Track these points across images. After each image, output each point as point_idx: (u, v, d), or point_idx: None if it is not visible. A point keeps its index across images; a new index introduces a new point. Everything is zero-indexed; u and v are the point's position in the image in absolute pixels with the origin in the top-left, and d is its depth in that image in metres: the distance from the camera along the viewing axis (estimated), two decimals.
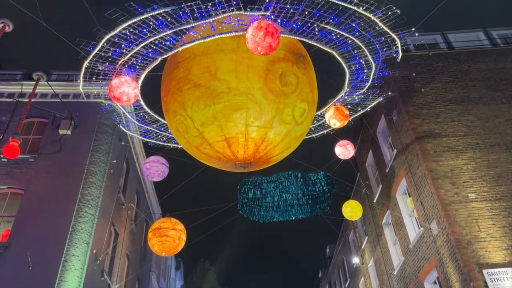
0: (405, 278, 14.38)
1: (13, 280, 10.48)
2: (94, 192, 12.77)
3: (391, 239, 16.13)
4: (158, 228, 10.02)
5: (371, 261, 18.78)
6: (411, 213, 14.04)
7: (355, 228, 21.61)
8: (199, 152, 7.41)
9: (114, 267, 14.48)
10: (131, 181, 17.34)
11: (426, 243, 12.34)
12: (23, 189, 12.40)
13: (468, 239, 10.42)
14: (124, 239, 15.62)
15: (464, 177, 11.60)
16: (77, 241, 11.55)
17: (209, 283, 19.57)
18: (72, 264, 11.12)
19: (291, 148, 7.77)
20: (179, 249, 10.25)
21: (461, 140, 12.41)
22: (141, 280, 18.91)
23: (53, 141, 13.27)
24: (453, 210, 10.97)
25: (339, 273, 26.43)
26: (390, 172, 15.22)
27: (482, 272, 9.83)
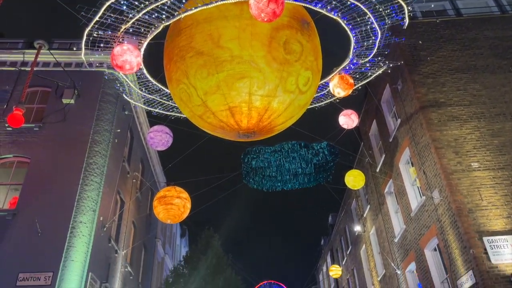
0: (405, 245, 14.65)
1: (23, 246, 10.78)
2: (99, 161, 12.90)
3: (393, 207, 16.33)
4: (163, 197, 10.18)
5: (373, 229, 19.09)
6: (413, 182, 14.14)
7: (357, 197, 21.84)
8: (202, 121, 7.40)
9: (121, 234, 14.81)
10: (135, 150, 17.47)
11: (428, 212, 12.49)
12: (29, 157, 12.55)
13: (470, 208, 10.53)
14: (129, 207, 15.89)
15: (468, 147, 11.60)
16: (84, 208, 11.78)
17: (213, 249, 19.98)
18: (80, 231, 11.39)
19: (295, 118, 7.74)
20: (184, 216, 10.44)
21: (466, 109, 12.32)
22: (147, 246, 19.38)
23: (57, 110, 13.30)
24: (455, 179, 11.04)
25: (341, 241, 26.93)
26: (393, 142, 15.23)
27: (482, 239, 9.98)
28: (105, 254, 12.97)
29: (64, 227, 11.20)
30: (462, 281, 10.39)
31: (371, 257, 19.63)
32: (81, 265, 11.02)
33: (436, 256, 12.70)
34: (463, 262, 10.41)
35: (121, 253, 14.68)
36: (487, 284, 9.39)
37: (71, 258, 10.88)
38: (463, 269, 10.40)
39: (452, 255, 11.02)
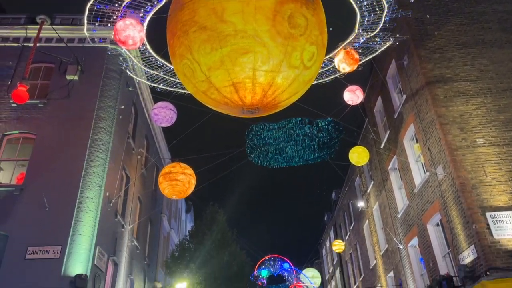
0: (408, 221, 14.78)
1: (31, 220, 10.98)
2: (104, 137, 12.97)
3: (397, 183, 16.40)
4: (168, 173, 10.27)
5: (376, 204, 19.23)
6: (417, 159, 14.15)
7: (361, 173, 21.91)
8: (206, 97, 7.36)
9: (127, 209, 15.03)
10: (140, 127, 17.52)
11: (431, 187, 12.54)
12: (34, 134, 12.63)
13: (473, 183, 10.55)
14: (135, 182, 16.07)
15: (473, 122, 11.53)
16: (90, 184, 11.92)
17: (218, 225, 20.25)
18: (86, 206, 11.56)
19: (299, 94, 7.68)
20: (189, 192, 10.56)
21: (472, 84, 12.18)
22: (153, 221, 19.68)
23: (61, 86, 13.29)
24: (460, 155, 11.03)
25: (344, 216, 27.19)
26: (398, 118, 15.15)
27: (485, 215, 10.05)
28: (112, 229, 13.20)
29: (71, 202, 11.37)
30: (464, 256, 10.52)
31: (374, 232, 19.86)
32: (88, 239, 11.24)
33: (438, 231, 12.83)
34: (465, 237, 10.51)
35: (128, 228, 14.93)
36: (489, 259, 9.51)
37: (79, 232, 11.10)
38: (465, 244, 10.52)
39: (454, 230, 11.12)
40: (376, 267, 19.55)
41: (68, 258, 10.63)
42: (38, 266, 10.35)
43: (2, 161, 12.52)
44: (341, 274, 28.44)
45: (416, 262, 14.72)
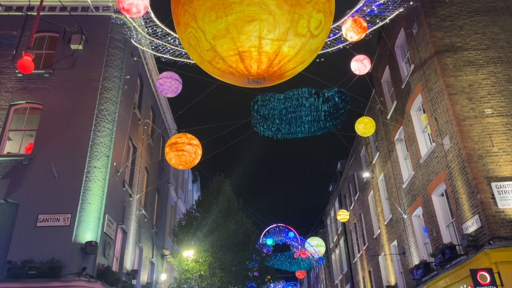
0: (413, 191, 14.87)
1: (41, 189, 11.19)
2: (110, 107, 12.99)
3: (402, 154, 16.39)
4: (175, 143, 10.34)
5: (381, 175, 19.31)
6: (424, 129, 14.08)
7: (367, 144, 21.89)
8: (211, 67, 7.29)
9: (134, 179, 15.23)
10: (145, 97, 17.51)
11: (437, 158, 12.54)
12: (41, 104, 12.69)
13: (480, 154, 10.53)
14: (142, 153, 16.21)
15: (482, 92, 11.38)
16: (97, 154, 12.05)
17: (224, 194, 20.50)
18: (94, 175, 11.73)
19: (306, 63, 7.58)
20: (195, 162, 10.66)
21: (483, 53, 11.93)
22: (161, 191, 19.97)
23: (65, 56, 13.22)
24: (467, 126, 10.95)
25: (349, 187, 27.39)
26: (405, 88, 14.98)
27: (490, 185, 10.07)
28: (120, 198, 13.43)
29: (79, 172, 11.53)
30: (468, 225, 10.62)
31: (379, 203, 20.04)
32: (97, 207, 11.47)
33: (443, 201, 12.91)
34: (469, 207, 10.58)
35: (135, 197, 15.18)
36: (493, 228, 9.60)
37: (88, 201, 11.31)
38: (469, 213, 10.60)
39: (459, 200, 11.19)
40: (380, 236, 19.84)
41: (78, 226, 10.89)
42: (49, 233, 10.63)
43: (11, 131, 12.64)
44: (345, 243, 28.93)
45: (419, 231, 14.90)
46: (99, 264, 11.09)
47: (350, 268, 27.61)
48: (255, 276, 21.09)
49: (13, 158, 11.84)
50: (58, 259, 10.16)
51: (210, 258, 17.87)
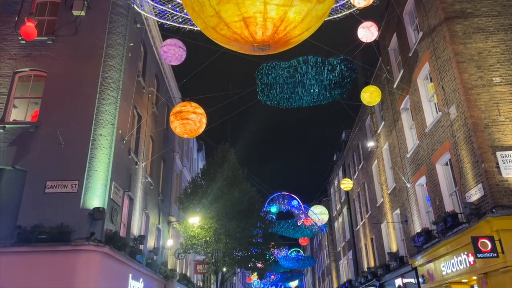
0: (417, 160, 14.90)
1: (48, 156, 11.32)
2: (114, 75, 12.92)
3: (408, 123, 16.32)
4: (179, 112, 10.33)
5: (386, 144, 19.31)
6: (430, 98, 13.94)
7: (372, 113, 21.77)
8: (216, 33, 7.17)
9: (140, 147, 15.34)
10: (149, 65, 17.36)
11: (443, 127, 12.48)
12: (45, 71, 12.63)
13: (486, 123, 10.46)
14: (147, 121, 16.24)
15: (491, 60, 11.17)
16: (102, 122, 12.09)
17: (229, 163, 20.67)
18: (100, 143, 11.82)
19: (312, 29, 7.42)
20: (200, 131, 10.68)
21: (493, 20, 11.63)
22: (166, 160, 20.14)
23: (68, 22, 13.04)
24: (474, 94, 10.83)
25: (353, 156, 27.46)
26: (413, 56, 14.73)
27: (495, 154, 10.06)
28: (126, 165, 13.57)
29: (85, 139, 11.62)
30: (471, 194, 10.70)
31: (383, 172, 20.14)
32: (104, 174, 11.62)
33: (447, 170, 12.95)
34: (473, 176, 10.62)
35: (141, 165, 15.33)
36: (496, 197, 9.67)
37: (94, 168, 11.45)
38: (472, 182, 10.65)
39: (463, 169, 11.22)
40: (383, 204, 20.05)
41: (86, 192, 11.08)
42: (57, 200, 10.83)
43: (16, 98, 12.65)
44: (348, 211, 29.30)
45: (422, 200, 15.04)
46: (107, 229, 11.34)
47: (353, 236, 28.09)
48: (259, 243, 21.56)
49: (19, 125, 11.92)
50: (67, 224, 10.40)
51: (215, 224, 18.22)
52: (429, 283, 13.97)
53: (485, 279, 10.15)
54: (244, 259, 20.86)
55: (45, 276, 9.90)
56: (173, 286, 18.47)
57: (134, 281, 13.42)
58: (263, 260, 22.17)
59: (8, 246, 10.09)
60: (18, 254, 10.06)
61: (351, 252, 28.98)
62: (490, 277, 9.98)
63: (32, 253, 10.08)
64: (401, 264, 17.14)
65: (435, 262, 13.28)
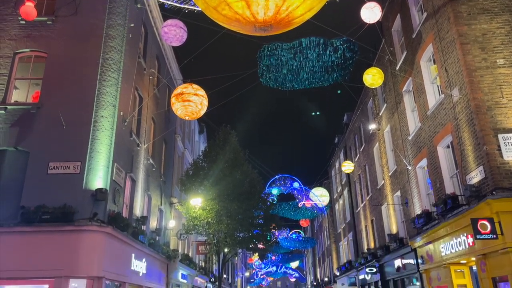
0: (419, 143, 14.90)
1: (50, 138, 11.34)
2: (115, 56, 12.84)
3: (410, 106, 16.26)
4: (181, 94, 10.31)
5: (388, 127, 19.27)
6: (433, 80, 13.85)
7: (374, 96, 21.67)
8: (217, 13, 7.11)
9: (141, 129, 15.35)
10: (150, 47, 17.23)
11: (445, 110, 12.43)
12: (45, 52, 12.55)
13: (489, 105, 10.41)
14: (148, 103, 16.21)
15: (496, 42, 11.05)
16: (104, 103, 12.07)
17: (230, 145, 20.70)
18: (102, 125, 11.83)
19: (314, 10, 7.36)
20: (202, 113, 10.68)
21: (498, 1, 11.42)
22: (168, 141, 20.18)
23: (68, 2, 12.89)
24: (478, 76, 10.75)
25: (355, 139, 27.46)
26: (416, 38, 14.57)
27: (497, 136, 10.04)
28: (128, 147, 13.61)
29: (86, 121, 11.62)
30: (471, 176, 10.73)
31: (384, 154, 20.17)
32: (106, 156, 11.66)
33: (448, 152, 12.96)
34: (474, 158, 10.63)
35: (143, 147, 15.38)
36: (496, 179, 9.70)
37: (96, 149, 11.48)
38: (474, 165, 10.67)
39: (464, 152, 11.22)
40: (384, 187, 20.15)
41: (88, 174, 11.14)
42: (60, 181, 10.90)
43: (17, 79, 12.61)
44: (349, 193, 29.46)
45: (423, 182, 15.10)
46: (110, 210, 11.46)
47: (353, 217, 28.32)
48: (260, 224, 21.77)
49: (20, 106, 11.91)
50: (70, 205, 10.49)
51: (217, 206, 18.37)
52: (428, 263, 14.15)
53: (483, 260, 10.26)
54: (246, 240, 21.10)
55: (49, 256, 10.05)
56: (175, 266, 18.75)
57: (137, 260, 13.61)
58: (264, 241, 22.43)
59: (12, 226, 10.21)
60: (22, 234, 10.18)
61: (351, 233, 29.27)
62: (488, 258, 10.10)
63: (35, 233, 10.21)
64: (400, 246, 17.32)
65: (434, 244, 13.42)
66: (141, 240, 13.84)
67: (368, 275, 22.90)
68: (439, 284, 13.63)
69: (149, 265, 14.96)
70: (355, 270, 26.99)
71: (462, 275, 12.43)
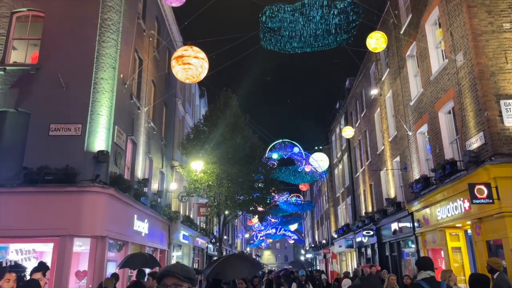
0: (420, 109, 14.84)
1: (50, 100, 11.30)
2: (113, 16, 12.57)
3: (413, 71, 16.08)
4: (181, 56, 10.16)
5: (389, 92, 19.14)
6: (438, 45, 13.62)
7: (377, 60, 21.37)
8: None
9: (142, 92, 15.27)
10: (149, 7, 16.83)
11: (448, 75, 12.31)
12: (42, 11, 12.28)
13: (492, 71, 10.29)
14: (148, 65, 16.02)
15: (503, 5, 10.77)
16: (103, 65, 11.94)
17: (231, 109, 20.64)
18: (102, 87, 11.75)
19: None
20: (202, 77, 10.57)
21: None
22: (168, 105, 20.12)
23: None
24: (483, 41, 10.56)
25: (356, 104, 27.33)
26: (422, 0, 14.20)
27: (499, 102, 9.99)
28: (128, 110, 13.59)
29: (86, 83, 11.54)
30: (471, 142, 10.77)
31: (385, 120, 20.14)
32: (107, 118, 11.67)
33: (449, 118, 12.94)
34: (475, 124, 10.63)
35: (143, 110, 15.34)
36: (496, 145, 9.74)
37: (97, 112, 11.47)
38: (474, 131, 10.68)
39: (465, 118, 11.21)
40: (384, 152, 20.26)
41: (89, 136, 11.19)
42: (61, 142, 10.96)
43: (15, 40, 12.41)
44: (349, 158, 29.66)
45: (423, 148, 15.16)
46: (111, 172, 11.58)
47: (352, 182, 28.66)
48: (261, 187, 22.05)
49: (19, 67, 11.79)
50: (72, 166, 10.61)
51: (218, 169, 18.55)
52: (424, 227, 14.46)
53: (479, 224, 10.48)
54: (246, 203, 21.45)
55: (53, 215, 10.27)
56: (177, 227, 19.18)
57: (139, 221, 13.92)
58: (264, 204, 22.80)
59: (15, 186, 10.36)
60: (25, 194, 10.35)
61: (349, 197, 29.71)
62: (483, 222, 10.31)
63: (39, 193, 10.38)
64: (398, 210, 17.63)
65: (431, 208, 13.65)
66: (143, 201, 14.08)
67: (365, 237, 23.45)
68: (433, 246, 14.00)
69: (151, 226, 15.31)
70: (353, 233, 27.61)
71: (457, 238, 12.74)
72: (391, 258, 19.94)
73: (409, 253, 17.42)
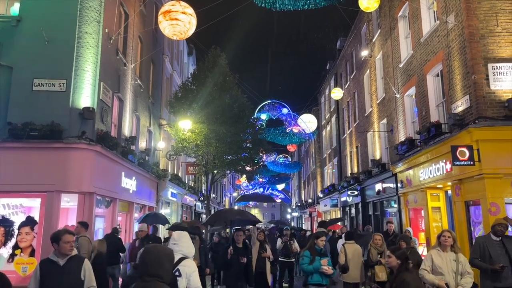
0: (409, 71, 14.83)
1: (33, 53, 10.95)
2: None
3: (404, 32, 15.92)
4: (168, 11, 9.85)
5: (380, 54, 19.01)
6: (430, 6, 13.43)
7: (369, 20, 21.05)
8: None
9: (128, 48, 14.89)
10: None
11: (438, 37, 12.22)
12: None
13: (482, 33, 10.24)
14: (134, 20, 15.54)
15: None
16: (87, 18, 11.54)
17: (220, 68, 20.32)
18: (86, 42, 11.42)
19: None
20: (190, 33, 10.30)
21: None
22: (156, 62, 19.72)
23: None
24: (475, 2, 10.43)
25: (346, 65, 27.14)
26: None
27: (487, 66, 10.02)
28: (114, 66, 13.30)
29: (70, 37, 11.18)
30: (457, 105, 10.88)
31: (374, 82, 20.12)
32: (92, 74, 11.42)
33: (437, 81, 12.99)
34: (462, 87, 10.70)
35: (130, 66, 15.03)
36: (480, 108, 9.86)
37: (82, 67, 11.20)
38: (460, 94, 10.77)
39: (453, 81, 11.26)
40: (371, 114, 20.39)
41: (74, 92, 10.98)
42: (46, 98, 10.75)
43: None
44: (337, 120, 29.82)
45: (410, 110, 15.29)
46: (98, 129, 11.49)
47: (339, 143, 28.99)
48: (249, 147, 22.16)
49: (0, 20, 11.33)
50: (57, 122, 10.48)
51: (206, 129, 18.51)
52: (407, 187, 14.85)
53: (459, 185, 10.80)
54: (234, 162, 21.59)
55: (39, 171, 10.24)
56: (165, 185, 19.36)
57: (127, 178, 14.00)
58: (252, 164, 22.98)
59: (0, 141, 10.24)
60: (11, 150, 10.26)
61: (336, 159, 30.15)
62: (463, 183, 10.62)
63: (25, 149, 10.29)
64: (382, 171, 18.00)
65: (414, 169, 13.97)
66: (131, 159, 14.10)
67: (349, 197, 24.04)
68: (415, 206, 14.45)
69: (139, 183, 15.42)
70: (338, 193, 28.25)
71: (437, 198, 13.15)
72: (374, 217, 20.57)
73: (391, 212, 17.98)
